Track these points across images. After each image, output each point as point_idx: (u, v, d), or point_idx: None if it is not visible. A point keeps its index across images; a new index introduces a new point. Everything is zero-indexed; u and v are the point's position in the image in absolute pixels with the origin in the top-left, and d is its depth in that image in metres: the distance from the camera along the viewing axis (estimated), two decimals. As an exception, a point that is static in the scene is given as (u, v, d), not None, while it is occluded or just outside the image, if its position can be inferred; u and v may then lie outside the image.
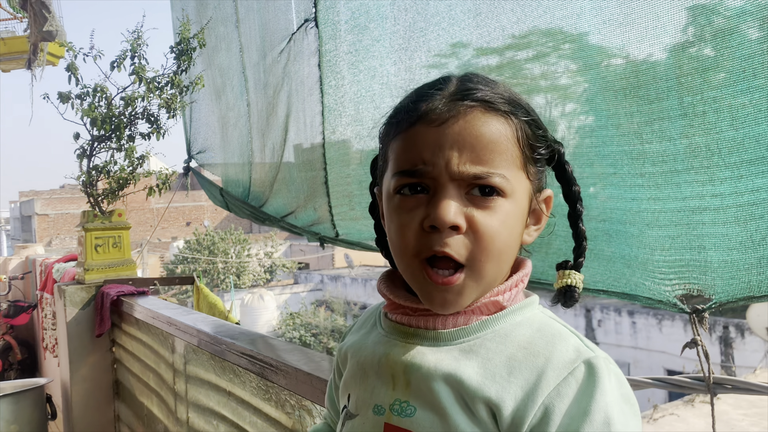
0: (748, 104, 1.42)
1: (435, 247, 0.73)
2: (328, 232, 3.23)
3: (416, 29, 2.21)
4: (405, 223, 0.76)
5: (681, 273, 1.72)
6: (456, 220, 0.72)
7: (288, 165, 3.35)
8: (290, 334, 19.75)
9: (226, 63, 3.96)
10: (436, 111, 0.75)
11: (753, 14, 1.40)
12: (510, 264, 0.80)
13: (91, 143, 3.97)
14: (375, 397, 0.81)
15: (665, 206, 1.67)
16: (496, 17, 1.91)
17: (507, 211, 0.75)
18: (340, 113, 2.73)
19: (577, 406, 0.69)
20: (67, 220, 31.85)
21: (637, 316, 15.73)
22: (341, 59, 2.64)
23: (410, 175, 0.75)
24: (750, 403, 9.76)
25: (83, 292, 3.82)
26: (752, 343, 13.37)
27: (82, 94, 3.89)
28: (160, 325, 2.94)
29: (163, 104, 3.90)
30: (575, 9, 1.69)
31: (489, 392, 0.72)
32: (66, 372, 3.84)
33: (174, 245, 27.18)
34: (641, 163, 1.68)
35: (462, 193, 0.74)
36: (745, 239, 1.53)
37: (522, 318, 0.79)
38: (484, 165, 0.73)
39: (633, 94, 1.62)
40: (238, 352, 2.08)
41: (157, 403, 3.07)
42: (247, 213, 3.95)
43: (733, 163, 1.48)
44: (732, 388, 1.88)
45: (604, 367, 0.71)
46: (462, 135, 0.73)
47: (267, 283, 25.86)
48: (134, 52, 3.85)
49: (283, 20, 3.09)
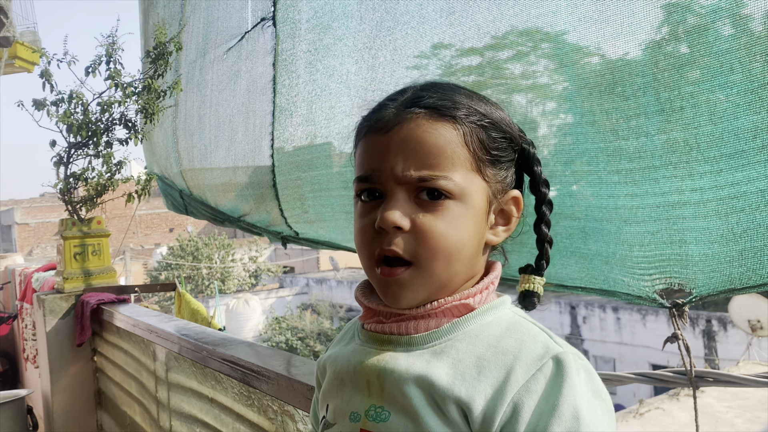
0: (725, 99, 1.43)
1: (383, 246, 0.78)
2: (288, 232, 3.19)
3: (383, 28, 2.19)
4: (362, 226, 0.81)
5: (661, 268, 1.72)
6: (399, 221, 0.76)
7: (234, 168, 3.27)
8: (277, 339, 19.65)
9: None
10: (383, 119, 0.80)
11: (727, 10, 1.40)
12: (470, 264, 0.81)
13: (68, 150, 3.91)
14: (351, 404, 0.82)
15: (643, 202, 1.68)
16: (471, 16, 1.90)
17: (455, 213, 0.78)
18: (291, 113, 2.69)
19: (546, 401, 0.69)
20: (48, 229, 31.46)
21: (622, 312, 15.84)
22: (298, 58, 2.61)
23: (364, 181, 0.81)
24: (734, 395, 9.86)
25: (63, 302, 3.77)
26: (735, 336, 13.51)
27: (57, 100, 3.83)
28: (140, 333, 2.90)
29: (141, 109, 3.85)
30: (551, 7, 1.69)
31: (459, 392, 0.73)
32: (47, 382, 3.78)
33: (157, 252, 26.94)
34: (617, 159, 1.68)
35: (410, 197, 0.78)
36: (726, 232, 1.54)
37: (492, 318, 0.80)
38: (428, 169, 0.76)
39: (609, 91, 1.62)
40: (220, 358, 2.06)
41: (140, 412, 3.03)
42: (207, 214, 3.89)
43: (712, 158, 1.49)
44: (714, 381, 1.89)
45: (572, 362, 0.72)
46: (405, 141, 0.77)
47: (252, 288, 25.72)
48: (109, 57, 3.80)
49: (236, 18, 3.04)
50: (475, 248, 0.81)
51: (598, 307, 16.31)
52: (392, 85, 2.23)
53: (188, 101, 3.58)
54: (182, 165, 3.80)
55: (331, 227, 2.87)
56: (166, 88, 3.86)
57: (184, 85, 3.60)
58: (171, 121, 3.79)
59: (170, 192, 4.34)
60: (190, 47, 3.50)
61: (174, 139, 3.83)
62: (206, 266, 24.20)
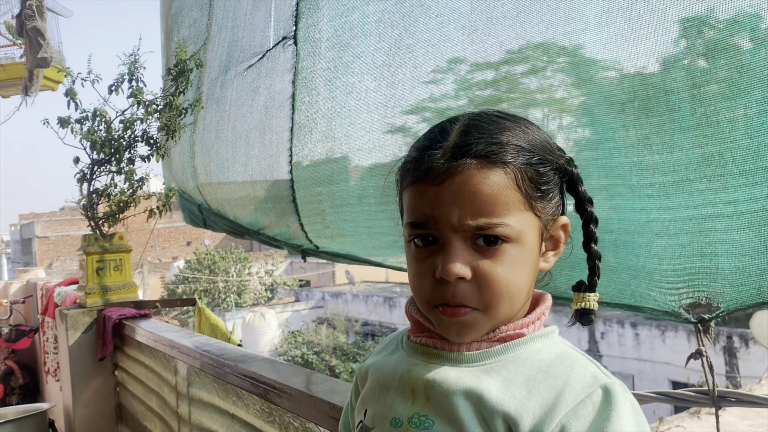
0: (763, 113, 1.45)
1: (446, 299, 0.79)
2: (309, 245, 3.21)
3: (402, 46, 2.22)
4: (420, 273, 0.81)
5: (690, 281, 1.73)
6: (461, 272, 0.77)
7: (252, 183, 3.31)
8: (292, 353, 19.63)
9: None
10: (434, 171, 0.79)
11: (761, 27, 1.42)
12: (525, 298, 0.83)
13: (91, 167, 3.98)
14: (393, 411, 0.84)
15: (676, 215, 1.69)
16: (494, 33, 1.92)
17: (514, 256, 0.79)
18: (311, 129, 2.73)
19: (593, 427, 0.71)
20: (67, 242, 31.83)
21: (641, 327, 15.66)
22: (318, 75, 2.64)
23: (418, 227, 0.81)
24: (756, 414, 9.69)
25: (85, 316, 3.82)
26: (756, 353, 13.30)
27: (81, 118, 3.91)
28: (162, 348, 2.93)
29: (163, 126, 3.91)
30: (579, 25, 1.72)
31: (508, 408, 0.74)
32: (68, 396, 3.82)
33: (174, 265, 27.12)
34: (651, 173, 1.69)
35: (468, 244, 0.78)
36: (758, 244, 1.55)
37: (542, 345, 0.82)
38: (485, 217, 0.77)
39: (644, 107, 1.64)
40: (241, 374, 2.08)
41: (161, 427, 3.05)
42: (226, 228, 3.93)
43: (747, 171, 1.51)
44: (737, 401, 1.87)
45: (621, 394, 0.73)
46: (460, 192, 0.77)
47: (268, 302, 25.76)
48: (131, 75, 3.87)
49: (259, 37, 3.09)
50: (532, 282, 0.83)
51: (616, 323, 16.14)
52: (411, 102, 2.26)
53: (207, 117, 3.64)
54: (198, 179, 3.85)
55: (353, 241, 2.89)
56: (187, 105, 3.92)
57: (205, 102, 3.65)
58: (189, 136, 3.84)
59: (188, 206, 4.40)
60: (213, 65, 3.56)
61: (191, 154, 3.88)
62: (223, 279, 24.31)
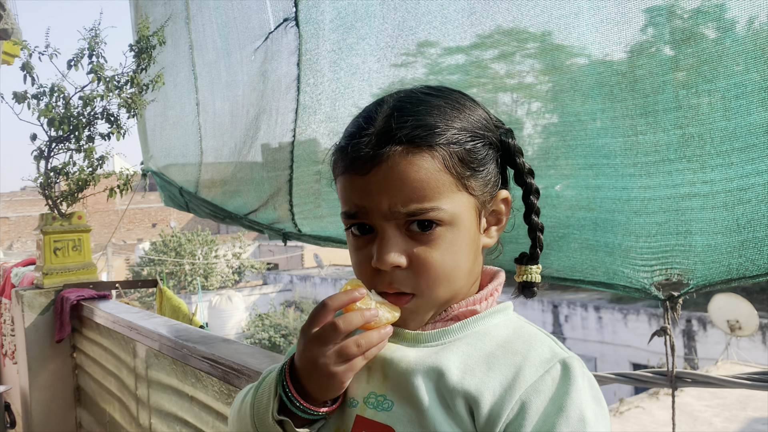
0: (740, 96, 1.48)
1: (383, 286, 0.79)
2: (291, 229, 3.21)
3: (405, 27, 2.23)
4: (359, 262, 0.81)
5: (663, 258, 1.78)
6: (396, 261, 0.76)
7: (252, 164, 3.30)
8: (259, 336, 19.58)
9: (170, 60, 3.87)
10: (359, 160, 0.77)
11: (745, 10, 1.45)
12: (467, 278, 0.82)
13: (49, 144, 3.86)
14: (349, 389, 0.81)
15: (655, 194, 1.73)
16: (491, 16, 1.94)
17: (449, 239, 0.78)
18: (315, 110, 2.73)
19: (553, 403, 0.71)
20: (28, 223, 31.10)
21: (603, 311, 15.97)
22: (323, 57, 2.64)
23: (352, 217, 0.80)
24: (712, 394, 9.98)
25: (42, 297, 3.72)
26: (714, 336, 13.67)
27: (38, 93, 3.78)
28: (121, 330, 2.87)
29: (123, 103, 3.81)
30: (574, 8, 1.73)
31: (468, 386, 0.74)
32: (25, 379, 3.74)
33: (140, 247, 26.74)
34: (635, 153, 1.73)
35: (402, 231, 0.77)
36: (731, 223, 1.60)
37: (498, 320, 0.82)
38: (415, 203, 0.75)
39: (630, 88, 1.67)
40: (200, 356, 2.04)
41: (119, 409, 3.00)
42: (208, 212, 3.89)
43: (724, 151, 1.55)
44: (693, 381, 1.91)
45: (578, 368, 0.74)
46: (387, 180, 0.76)
47: (235, 285, 25.61)
48: (92, 51, 3.75)
49: (256, 19, 3.05)
50: (472, 260, 0.82)
51: (580, 306, 16.43)
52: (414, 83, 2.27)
53: (216, 102, 3.58)
54: (204, 161, 3.79)
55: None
56: (148, 81, 3.82)
57: (209, 85, 3.58)
58: (194, 118, 3.75)
59: (168, 188, 4.35)
60: (206, 47, 3.49)
61: (198, 137, 3.80)
62: (189, 262, 24.07)
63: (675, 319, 1.82)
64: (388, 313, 0.78)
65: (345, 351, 0.76)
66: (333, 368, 0.76)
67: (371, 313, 0.76)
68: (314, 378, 0.78)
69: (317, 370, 0.77)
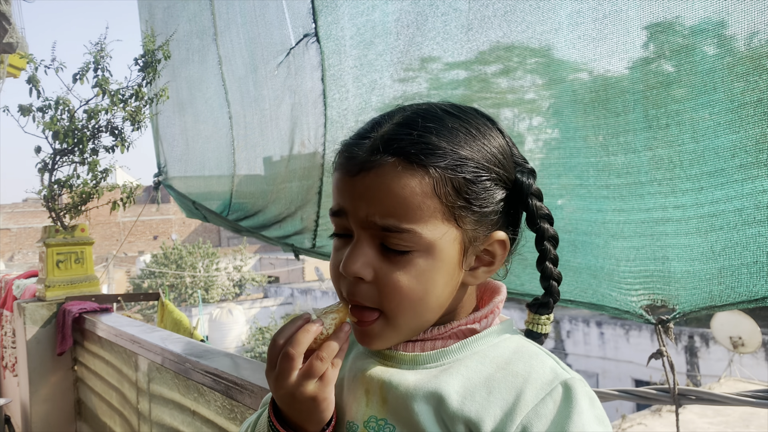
0: (708, 117, 1.45)
1: (346, 294, 0.78)
2: (304, 243, 3.22)
3: (414, 43, 2.26)
4: (333, 262, 0.80)
5: (646, 283, 1.74)
6: (359, 272, 0.75)
7: (283, 174, 3.36)
8: (260, 349, 19.51)
9: (198, 75, 3.92)
10: (352, 161, 0.76)
11: (710, 32, 1.43)
12: (441, 309, 0.79)
13: (53, 157, 3.88)
14: (348, 413, 0.81)
15: (629, 217, 1.70)
16: (485, 32, 1.95)
17: (422, 267, 0.74)
18: (342, 125, 2.76)
19: (555, 426, 0.69)
20: (30, 235, 31.11)
21: (605, 326, 15.90)
22: (346, 73, 2.67)
23: (334, 215, 0.79)
24: (715, 412, 9.91)
25: (44, 310, 3.72)
26: (717, 353, 13.60)
27: (43, 106, 3.81)
28: (123, 343, 2.87)
29: (128, 117, 3.83)
30: (554, 25, 1.73)
31: (469, 412, 0.72)
32: (26, 392, 3.73)
33: (141, 260, 26.72)
34: (606, 174, 1.70)
35: (376, 244, 0.75)
36: (706, 250, 1.56)
37: (499, 339, 0.80)
38: (394, 218, 0.73)
39: (602, 107, 1.65)
40: (203, 370, 2.04)
41: (120, 423, 2.99)
42: (226, 223, 3.95)
43: (694, 175, 1.51)
44: (696, 398, 1.90)
45: (580, 389, 0.72)
46: (371, 188, 0.74)
47: (236, 298, 25.55)
48: (97, 65, 3.78)
49: (278, 35, 3.10)
50: (447, 296, 0.78)
51: (581, 322, 16.37)
52: (418, 99, 2.30)
53: (247, 115, 3.64)
54: (237, 173, 3.86)
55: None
56: (152, 95, 3.85)
57: (239, 100, 3.63)
58: (227, 131, 3.80)
59: (184, 201, 4.42)
60: (235, 62, 3.54)
61: (231, 149, 3.85)
62: (190, 275, 24.03)
63: (671, 341, 1.80)
64: (334, 313, 0.78)
65: (312, 371, 0.75)
66: (308, 391, 0.75)
67: (316, 327, 0.76)
68: (297, 410, 0.77)
69: (296, 400, 0.76)
